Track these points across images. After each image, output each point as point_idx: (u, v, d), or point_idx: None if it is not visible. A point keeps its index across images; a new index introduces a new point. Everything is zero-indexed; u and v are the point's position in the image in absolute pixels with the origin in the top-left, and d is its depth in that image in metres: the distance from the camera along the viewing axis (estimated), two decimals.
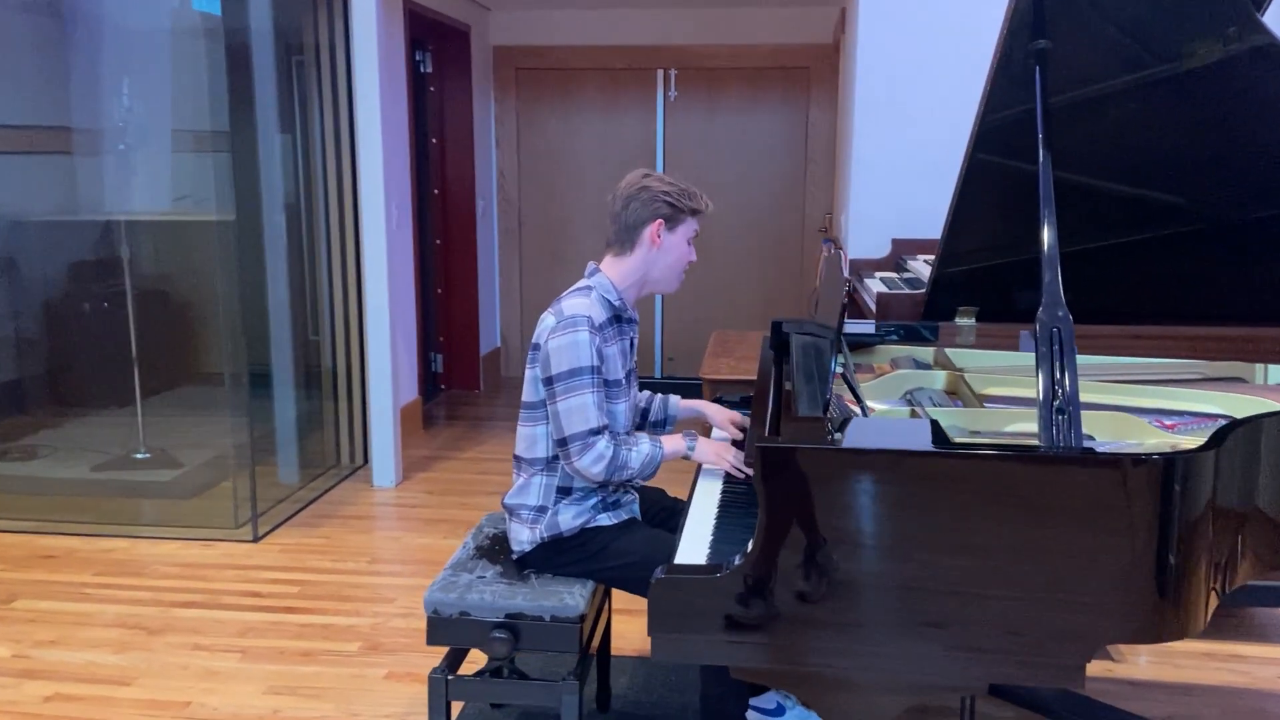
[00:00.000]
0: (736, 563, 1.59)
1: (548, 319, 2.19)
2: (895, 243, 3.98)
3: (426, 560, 3.65)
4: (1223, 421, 2.16)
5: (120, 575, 3.51)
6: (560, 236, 6.52)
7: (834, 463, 1.55)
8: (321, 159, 4.53)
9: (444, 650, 2.27)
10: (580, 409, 2.11)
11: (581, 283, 2.27)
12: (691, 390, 3.86)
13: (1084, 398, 2.28)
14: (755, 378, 3.11)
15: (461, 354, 6.21)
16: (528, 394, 2.24)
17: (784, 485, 1.57)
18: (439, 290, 6.06)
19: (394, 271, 4.45)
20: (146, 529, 3.92)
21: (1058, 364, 1.63)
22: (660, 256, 2.24)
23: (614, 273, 2.26)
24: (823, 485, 1.56)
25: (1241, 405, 2.18)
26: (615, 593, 2.65)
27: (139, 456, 4.55)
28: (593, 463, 2.13)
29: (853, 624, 1.57)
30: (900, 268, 3.85)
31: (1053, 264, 1.76)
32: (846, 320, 2.49)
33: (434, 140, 5.90)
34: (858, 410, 2.02)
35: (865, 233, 4.04)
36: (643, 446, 2.18)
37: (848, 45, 4.70)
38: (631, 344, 2.32)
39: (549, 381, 2.14)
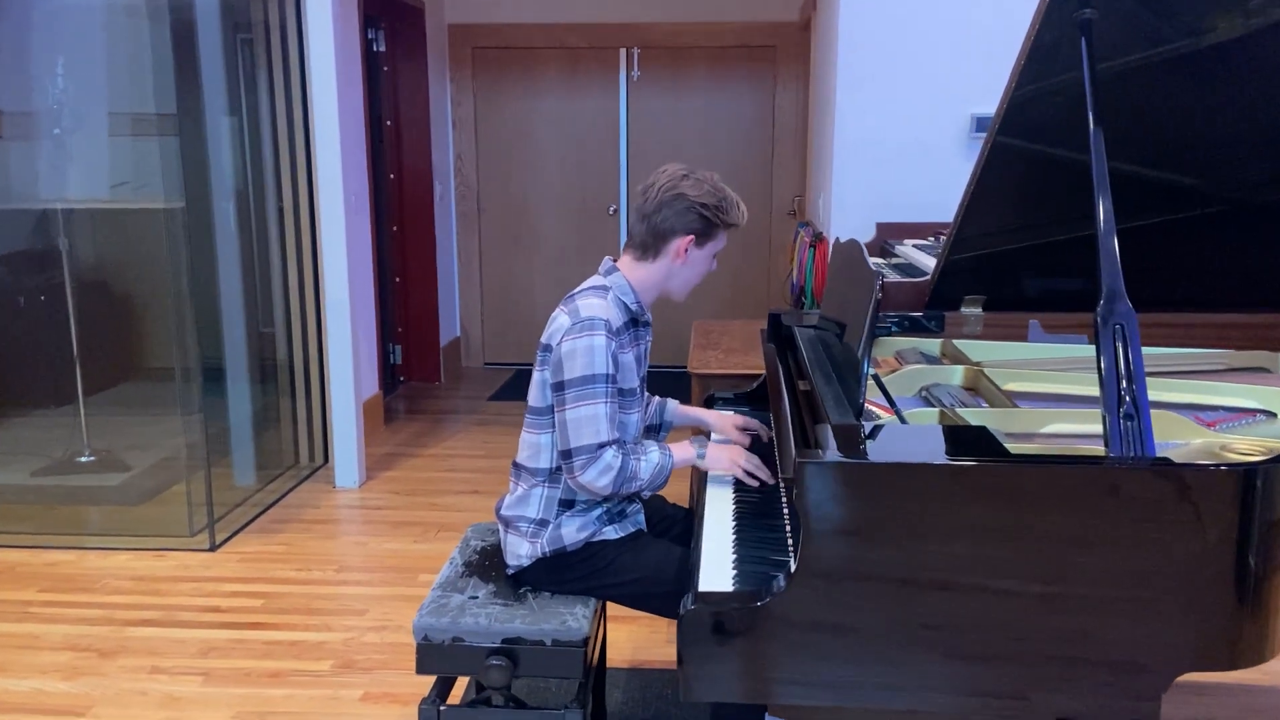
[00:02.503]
0: (781, 587, 1.43)
1: (561, 318, 2.00)
2: (880, 226, 3.85)
3: (397, 567, 3.46)
4: (1262, 417, 2.06)
5: (67, 591, 3.27)
6: (521, 221, 6.32)
7: (889, 478, 1.40)
8: (273, 143, 4.29)
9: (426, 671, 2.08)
10: (591, 420, 1.94)
11: (596, 280, 2.08)
12: (671, 379, 3.70)
13: None
14: (745, 371, 2.97)
15: (421, 345, 5.99)
16: (535, 399, 2.05)
17: (831, 503, 1.41)
18: (396, 279, 5.83)
19: (353, 260, 4.23)
20: (94, 539, 3.68)
21: (1123, 365, 1.49)
22: (682, 270, 2.07)
23: (633, 276, 2.07)
24: (875, 502, 1.40)
25: (1278, 399, 2.08)
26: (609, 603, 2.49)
27: (83, 459, 4.29)
28: (599, 475, 1.95)
29: (912, 652, 1.42)
30: (887, 253, 3.72)
31: (1110, 254, 1.62)
32: (832, 311, 2.33)
33: (388, 123, 5.66)
34: (885, 415, 1.87)
35: (848, 216, 3.91)
36: (652, 456, 2.02)
37: (823, 23, 4.55)
38: (646, 349, 2.15)
39: (560, 387, 1.96)
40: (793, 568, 1.44)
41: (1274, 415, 2.05)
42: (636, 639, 2.93)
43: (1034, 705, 1.43)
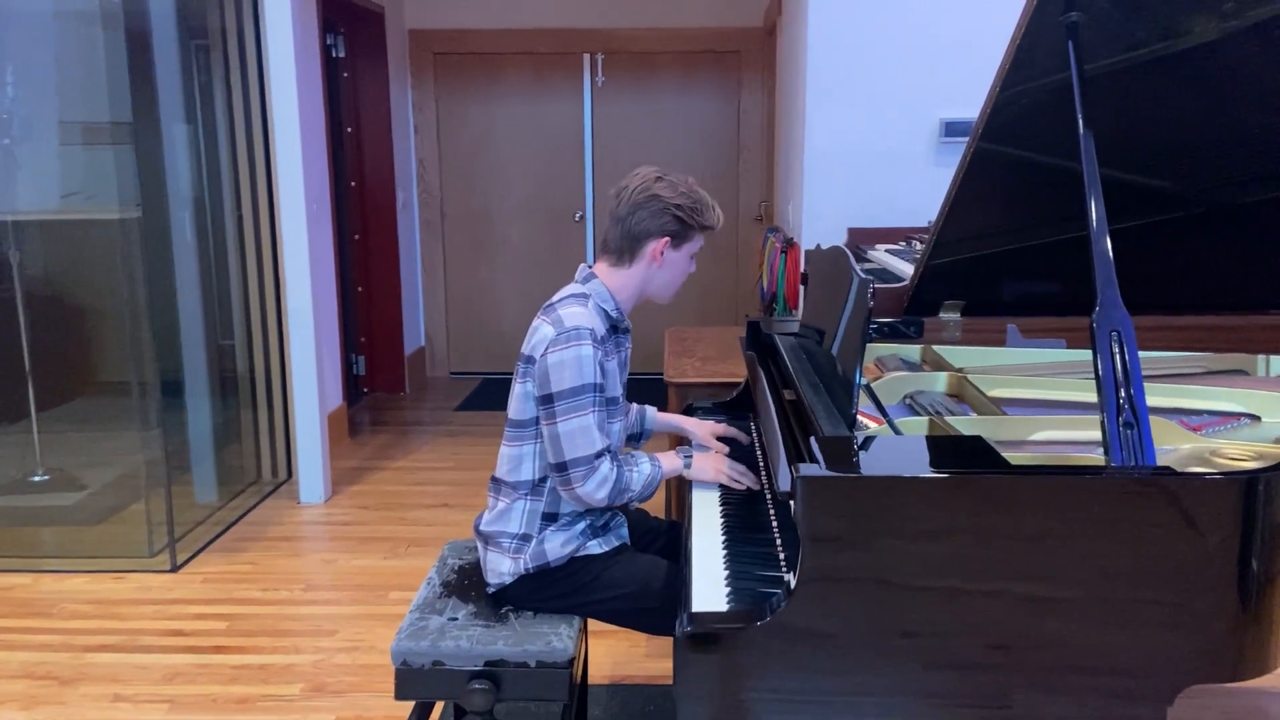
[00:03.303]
0: (781, 605, 1.39)
1: (543, 329, 1.95)
2: (851, 232, 3.83)
3: (366, 585, 3.37)
4: (1246, 420, 2.05)
5: (23, 617, 3.15)
6: (485, 228, 6.25)
7: (891, 492, 1.36)
8: (232, 150, 4.19)
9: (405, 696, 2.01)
10: (584, 431, 1.89)
11: (574, 288, 2.03)
12: (645, 387, 3.66)
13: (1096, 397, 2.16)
14: (723, 379, 2.92)
15: (384, 355, 5.90)
16: (515, 411, 2.00)
17: (832, 518, 1.37)
18: (359, 288, 5.73)
19: (315, 269, 4.14)
20: (50, 561, 3.56)
21: (1121, 372, 1.46)
22: (660, 273, 2.03)
23: (611, 282, 2.03)
24: (877, 516, 1.37)
25: (1260, 402, 2.07)
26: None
27: (36, 479, 4.15)
28: (597, 487, 1.91)
29: (919, 666, 1.38)
30: (859, 258, 3.70)
31: (1104, 258, 1.59)
32: (815, 319, 2.29)
33: (349, 129, 5.57)
34: (874, 425, 1.84)
35: (819, 222, 3.88)
36: (643, 467, 1.98)
37: (789, 28, 4.53)
38: (626, 356, 2.10)
39: (548, 400, 1.91)
40: (792, 584, 1.40)
41: (1257, 418, 2.05)
42: (615, 654, 2.88)
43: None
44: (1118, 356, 1.48)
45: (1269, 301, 2.48)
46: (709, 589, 1.62)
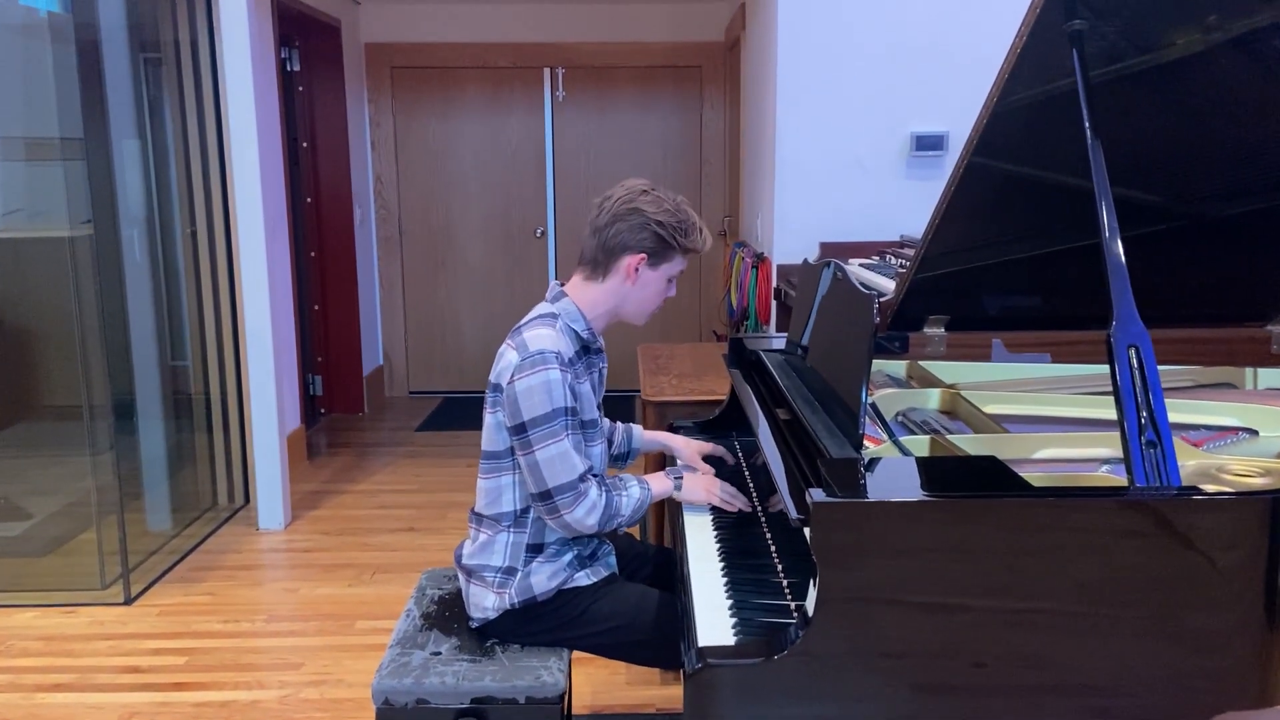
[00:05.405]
0: (799, 637, 1.32)
1: (509, 355, 1.86)
2: (824, 246, 3.79)
3: (332, 614, 3.25)
4: (1244, 435, 2.03)
5: None
6: (445, 244, 6.14)
7: (916, 516, 1.30)
8: (185, 166, 4.05)
9: None
10: (562, 457, 1.81)
11: (544, 308, 1.94)
12: (616, 403, 3.58)
13: (1095, 413, 2.13)
14: (702, 397, 2.86)
15: (342, 374, 5.76)
16: (489, 442, 1.91)
17: (850, 544, 1.31)
18: (315, 306, 5.59)
19: (273, 288, 4.01)
20: None
21: (1140, 388, 1.42)
22: (634, 292, 1.93)
23: (583, 299, 1.93)
24: (899, 540, 1.30)
25: (1256, 416, 2.05)
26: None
27: None
28: (586, 513, 1.83)
29: (939, 694, 1.32)
30: None
31: (1119, 272, 1.55)
32: (807, 337, 2.23)
33: (304, 144, 5.44)
34: (873, 445, 1.78)
35: (791, 237, 3.84)
36: (633, 491, 1.90)
37: (754, 43, 4.50)
38: (601, 377, 2.02)
39: (519, 429, 1.82)
40: (809, 612, 1.33)
41: (1255, 433, 2.02)
42: (595, 682, 2.79)
43: None
44: (1137, 372, 1.44)
45: (1251, 314, 2.48)
46: (713, 620, 1.54)
